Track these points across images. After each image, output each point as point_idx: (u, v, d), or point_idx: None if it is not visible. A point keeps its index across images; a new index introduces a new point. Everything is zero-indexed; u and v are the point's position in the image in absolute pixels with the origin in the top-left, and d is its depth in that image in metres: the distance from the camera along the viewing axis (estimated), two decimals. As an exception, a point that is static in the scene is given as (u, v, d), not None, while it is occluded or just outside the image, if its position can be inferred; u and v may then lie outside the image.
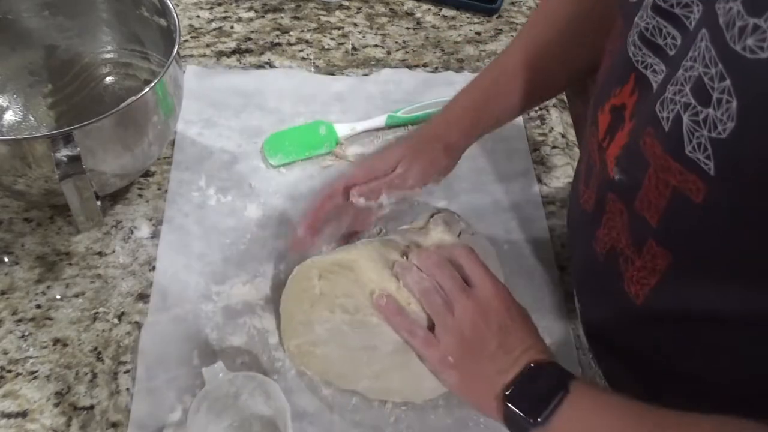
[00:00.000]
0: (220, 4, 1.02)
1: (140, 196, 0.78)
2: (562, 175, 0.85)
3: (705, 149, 0.43)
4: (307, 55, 0.96)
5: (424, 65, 0.97)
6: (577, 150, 0.89)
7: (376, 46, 0.99)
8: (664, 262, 0.51)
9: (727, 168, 0.43)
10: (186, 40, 0.96)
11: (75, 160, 0.61)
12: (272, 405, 0.60)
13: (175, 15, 0.73)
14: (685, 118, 0.45)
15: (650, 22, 0.50)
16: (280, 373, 0.66)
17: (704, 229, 0.47)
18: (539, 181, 0.84)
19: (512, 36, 1.02)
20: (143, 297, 0.70)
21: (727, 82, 0.41)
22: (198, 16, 1.00)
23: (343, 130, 0.85)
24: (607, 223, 0.58)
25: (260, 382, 0.59)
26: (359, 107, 0.90)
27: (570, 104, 0.94)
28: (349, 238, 0.73)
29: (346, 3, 1.04)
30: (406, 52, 0.98)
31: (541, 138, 0.89)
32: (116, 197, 0.77)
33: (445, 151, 0.70)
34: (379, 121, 0.87)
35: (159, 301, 0.69)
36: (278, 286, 0.71)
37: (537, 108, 0.91)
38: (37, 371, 0.65)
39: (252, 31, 0.98)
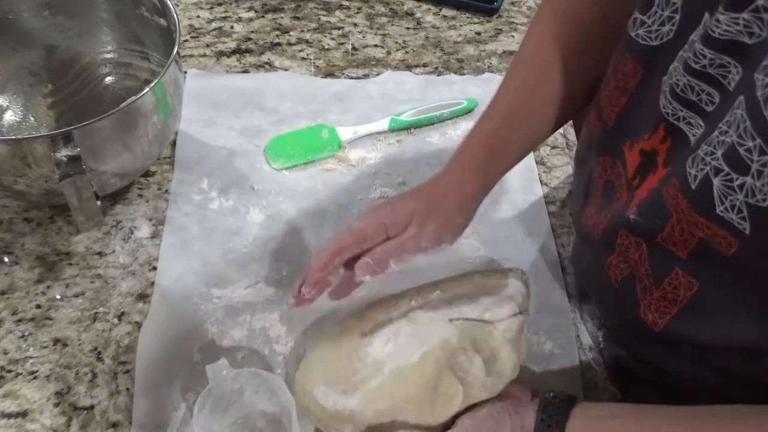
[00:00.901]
0: (220, 4, 1.02)
1: (140, 196, 0.78)
2: (562, 175, 0.85)
3: (740, 211, 0.43)
4: (307, 55, 0.96)
5: (424, 65, 0.97)
6: (577, 150, 0.89)
7: (376, 46, 0.99)
8: (688, 293, 0.51)
9: (765, 232, 0.42)
10: (186, 40, 0.96)
11: (75, 160, 0.61)
12: (277, 401, 0.60)
13: (175, 15, 0.73)
14: (717, 182, 0.44)
15: (681, 79, 0.49)
16: (283, 368, 0.66)
17: (736, 270, 0.46)
18: (539, 181, 0.84)
19: (512, 36, 1.02)
20: (143, 297, 0.70)
21: None
22: (198, 16, 1.00)
23: (345, 133, 0.85)
24: (621, 252, 0.57)
25: (265, 378, 0.59)
26: (359, 107, 0.90)
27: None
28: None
29: (346, 3, 1.04)
30: (406, 52, 0.98)
31: (541, 138, 0.89)
32: (116, 197, 0.77)
33: (459, 206, 0.62)
34: (382, 124, 0.87)
35: (159, 302, 0.69)
36: (279, 291, 0.71)
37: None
38: (37, 371, 0.65)
39: (252, 31, 0.98)
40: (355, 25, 1.01)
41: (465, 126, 0.89)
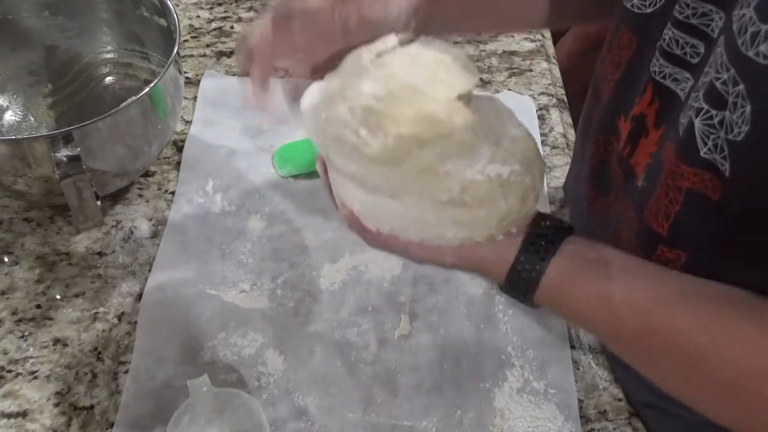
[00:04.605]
0: (220, 4, 1.02)
1: (140, 196, 0.78)
2: (561, 175, 0.85)
3: (722, 150, 0.43)
4: (307, 55, 0.96)
5: (424, 65, 0.96)
6: (577, 150, 0.89)
7: (376, 46, 0.98)
8: (677, 266, 0.51)
9: (742, 170, 0.43)
10: (186, 40, 0.96)
11: (75, 160, 0.61)
12: (254, 422, 0.59)
13: (175, 15, 0.73)
14: (697, 123, 0.45)
15: (667, 33, 0.50)
16: (267, 389, 0.65)
17: (720, 226, 0.47)
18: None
19: (512, 36, 1.02)
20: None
21: (741, 86, 0.41)
22: (198, 16, 1.00)
23: None
24: (619, 234, 0.58)
25: (245, 399, 0.59)
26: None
27: (570, 104, 0.94)
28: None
29: (346, 3, 1.04)
30: (406, 52, 0.98)
31: (541, 138, 0.89)
32: (116, 197, 0.77)
33: None
34: None
35: (151, 303, 0.69)
36: (274, 300, 0.70)
37: (537, 107, 0.91)
38: (37, 371, 0.65)
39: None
40: (355, 25, 1.01)
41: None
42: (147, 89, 0.66)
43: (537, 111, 0.91)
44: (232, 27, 0.99)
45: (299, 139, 0.83)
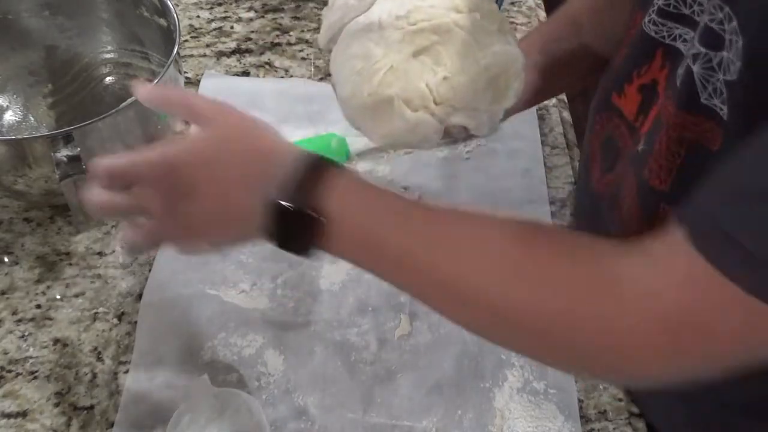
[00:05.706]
0: (220, 4, 1.02)
1: (140, 196, 0.78)
2: (562, 174, 0.85)
3: (720, 93, 0.44)
4: (307, 55, 0.96)
5: (424, 65, 0.96)
6: (577, 150, 0.89)
7: (376, 46, 0.99)
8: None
9: (738, 111, 0.43)
10: (186, 40, 0.96)
11: (75, 160, 0.61)
12: (254, 423, 0.59)
13: (175, 15, 0.73)
14: (696, 68, 0.45)
15: None
16: (267, 389, 0.65)
17: None
18: (543, 182, 0.84)
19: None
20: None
21: (734, 22, 0.41)
22: (198, 16, 1.00)
23: (356, 144, 0.83)
24: (622, 203, 0.58)
25: (245, 399, 0.59)
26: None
27: (570, 104, 0.94)
28: None
29: (346, 3, 1.04)
30: (406, 52, 0.98)
31: (541, 138, 0.89)
32: (116, 197, 0.77)
33: None
34: None
35: (151, 303, 0.69)
36: (274, 300, 0.70)
37: (537, 107, 0.91)
38: (37, 371, 0.65)
39: (252, 31, 0.98)
40: (355, 25, 1.01)
41: (477, 141, 0.86)
42: (147, 89, 0.66)
43: (537, 111, 0.91)
44: (232, 27, 0.99)
45: (299, 138, 0.83)
